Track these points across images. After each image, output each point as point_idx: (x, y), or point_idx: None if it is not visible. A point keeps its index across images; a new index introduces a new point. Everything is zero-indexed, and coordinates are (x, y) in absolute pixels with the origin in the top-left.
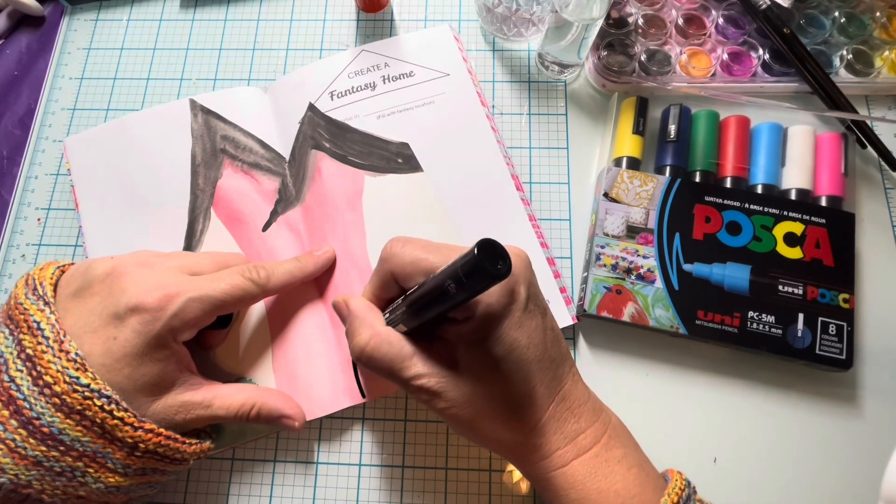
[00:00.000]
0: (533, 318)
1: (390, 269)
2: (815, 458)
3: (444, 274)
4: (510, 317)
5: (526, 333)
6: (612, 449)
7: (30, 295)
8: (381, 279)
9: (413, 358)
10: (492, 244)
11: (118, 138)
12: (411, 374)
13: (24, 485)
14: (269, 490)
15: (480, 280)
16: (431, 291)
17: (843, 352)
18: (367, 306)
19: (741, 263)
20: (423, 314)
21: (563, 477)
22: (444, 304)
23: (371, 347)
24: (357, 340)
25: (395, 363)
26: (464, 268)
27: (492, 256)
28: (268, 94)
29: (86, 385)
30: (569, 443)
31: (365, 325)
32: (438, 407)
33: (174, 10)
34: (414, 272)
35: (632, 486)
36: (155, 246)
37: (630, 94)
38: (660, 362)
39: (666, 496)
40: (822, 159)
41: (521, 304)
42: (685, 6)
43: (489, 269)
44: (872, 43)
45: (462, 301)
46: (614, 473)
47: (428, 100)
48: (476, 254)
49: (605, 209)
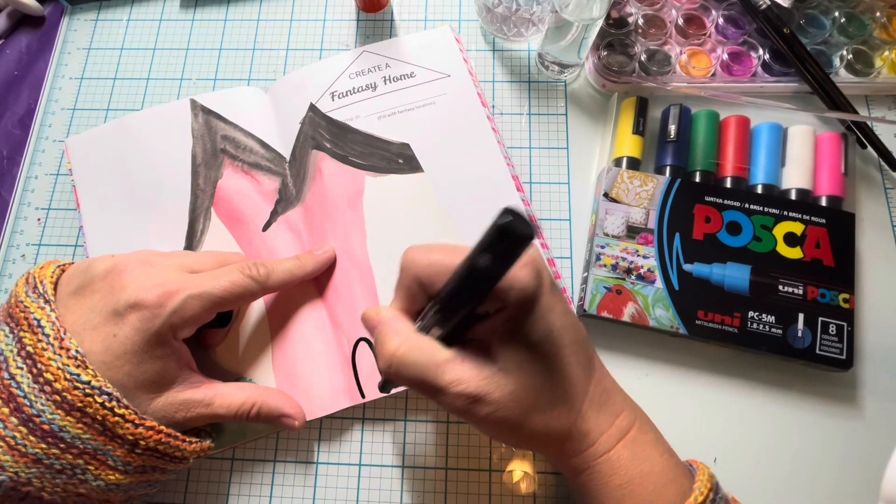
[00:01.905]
0: (560, 301)
1: (414, 274)
2: (815, 458)
3: (474, 252)
4: (541, 299)
5: (558, 316)
6: (646, 432)
7: (30, 293)
8: (407, 289)
9: (449, 363)
10: (512, 209)
11: (119, 138)
12: (448, 380)
13: (24, 482)
14: (269, 490)
15: (512, 243)
16: (464, 277)
17: (843, 352)
18: (397, 314)
19: (741, 263)
20: (458, 308)
21: (607, 463)
22: (478, 287)
23: (402, 353)
24: (386, 348)
25: (428, 370)
26: (493, 235)
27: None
28: (268, 94)
29: (86, 382)
30: (611, 425)
31: (393, 332)
32: (482, 413)
33: (174, 10)
34: (439, 272)
35: (668, 471)
36: (155, 245)
37: (630, 94)
38: (660, 362)
39: (699, 482)
40: (822, 159)
41: (549, 286)
42: (685, 6)
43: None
44: (872, 43)
45: (497, 276)
46: (652, 458)
47: (429, 100)
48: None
49: (605, 209)
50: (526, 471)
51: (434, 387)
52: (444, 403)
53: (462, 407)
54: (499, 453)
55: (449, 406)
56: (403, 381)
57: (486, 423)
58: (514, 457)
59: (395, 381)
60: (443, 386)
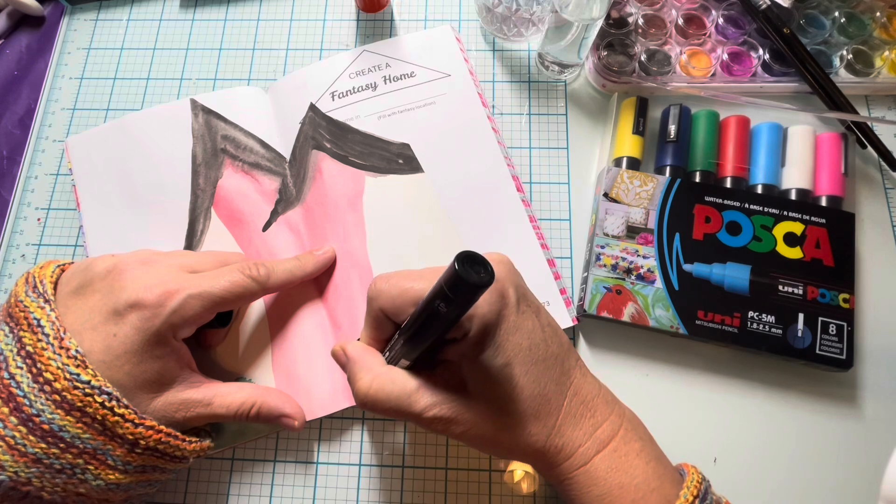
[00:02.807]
0: (528, 319)
1: (379, 306)
2: (814, 458)
3: (431, 295)
4: (505, 322)
5: (525, 335)
6: (630, 442)
7: (30, 293)
8: (374, 319)
9: (420, 391)
10: (470, 255)
11: (120, 138)
12: (421, 407)
13: (24, 482)
14: (269, 490)
15: (466, 292)
16: (423, 316)
17: (843, 352)
18: (365, 349)
19: (741, 263)
20: (421, 342)
21: (585, 475)
22: (438, 325)
23: (374, 389)
24: (359, 385)
25: (401, 400)
26: (447, 283)
27: (472, 266)
28: (269, 94)
29: (86, 382)
30: (588, 438)
31: (364, 369)
32: (457, 432)
33: (174, 10)
34: (403, 304)
35: (651, 480)
36: (155, 245)
37: (630, 94)
38: (660, 362)
39: (685, 489)
40: (822, 159)
41: (513, 307)
42: (685, 6)
43: (472, 279)
44: (872, 43)
45: (455, 318)
46: (634, 468)
47: (429, 100)
48: (456, 267)
49: (605, 209)
50: (526, 470)
51: (409, 414)
52: (423, 426)
53: (438, 428)
54: None
55: (427, 428)
56: (380, 413)
57: (465, 440)
58: None
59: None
60: (416, 413)
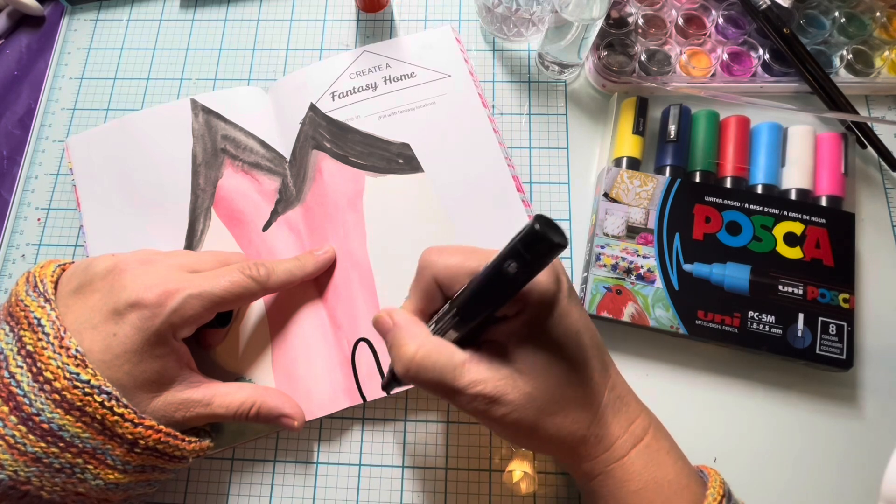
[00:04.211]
0: (577, 305)
1: (433, 274)
2: (815, 458)
3: (502, 256)
4: (559, 305)
5: (576, 318)
6: (660, 440)
7: (30, 292)
8: (424, 289)
9: (467, 364)
10: (544, 217)
11: (120, 138)
12: (466, 382)
13: (24, 481)
14: (269, 490)
15: (543, 251)
16: (489, 281)
17: (843, 352)
18: (412, 318)
19: (741, 263)
20: (478, 312)
21: (621, 469)
22: (503, 290)
23: (421, 356)
24: (404, 350)
25: (446, 372)
26: (523, 241)
27: (551, 226)
28: (269, 94)
29: (86, 381)
30: (625, 432)
31: (410, 335)
32: (498, 414)
33: (174, 10)
34: (457, 274)
35: (681, 478)
36: (155, 245)
37: (630, 94)
38: (660, 362)
39: (712, 488)
40: (822, 159)
41: (566, 291)
42: (685, 6)
43: (552, 237)
44: (872, 43)
45: (523, 282)
46: (665, 464)
47: (429, 101)
48: (537, 227)
49: (605, 209)
50: (526, 471)
51: (452, 388)
52: (461, 404)
53: (479, 408)
54: (499, 454)
55: (465, 407)
56: (421, 383)
57: (502, 425)
58: (514, 457)
59: (412, 383)
60: (461, 387)
